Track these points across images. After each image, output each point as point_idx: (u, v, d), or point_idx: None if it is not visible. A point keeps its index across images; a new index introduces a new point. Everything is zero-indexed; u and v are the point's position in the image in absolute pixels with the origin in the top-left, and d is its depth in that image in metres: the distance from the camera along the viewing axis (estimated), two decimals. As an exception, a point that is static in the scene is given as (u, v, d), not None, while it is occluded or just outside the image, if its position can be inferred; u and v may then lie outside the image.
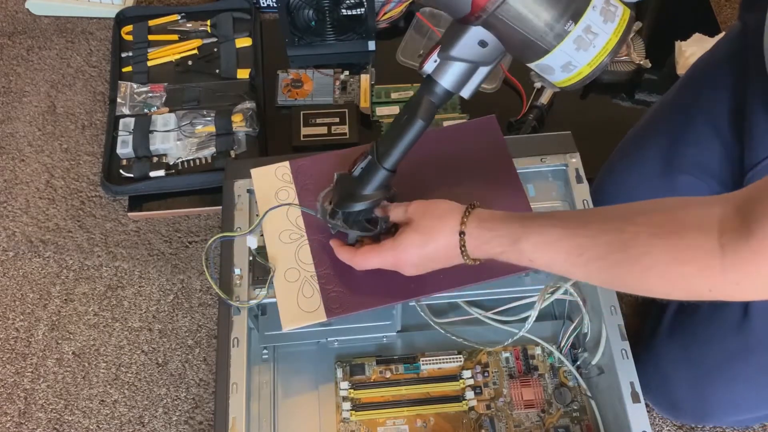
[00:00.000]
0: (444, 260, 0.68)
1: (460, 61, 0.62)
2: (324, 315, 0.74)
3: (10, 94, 1.29)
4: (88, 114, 1.26)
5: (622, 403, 0.72)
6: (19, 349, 1.04)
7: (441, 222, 0.67)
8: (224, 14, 1.30)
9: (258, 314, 0.85)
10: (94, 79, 1.30)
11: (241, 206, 0.85)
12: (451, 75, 0.63)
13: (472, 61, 0.62)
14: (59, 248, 1.12)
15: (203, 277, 1.08)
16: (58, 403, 0.99)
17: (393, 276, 0.72)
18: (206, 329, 1.04)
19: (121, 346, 1.03)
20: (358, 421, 0.81)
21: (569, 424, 0.80)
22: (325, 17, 1.23)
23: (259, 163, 0.85)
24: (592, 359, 0.78)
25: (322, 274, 0.76)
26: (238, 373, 0.75)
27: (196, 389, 0.99)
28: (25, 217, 1.15)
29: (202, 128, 1.15)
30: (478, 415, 0.81)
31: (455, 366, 0.85)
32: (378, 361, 0.85)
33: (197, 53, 1.27)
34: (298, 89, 1.23)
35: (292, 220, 0.80)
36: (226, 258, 0.81)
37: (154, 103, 1.20)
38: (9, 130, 1.24)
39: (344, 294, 0.75)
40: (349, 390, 0.83)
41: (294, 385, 0.85)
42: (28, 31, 1.37)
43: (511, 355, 0.86)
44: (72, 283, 1.09)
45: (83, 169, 1.19)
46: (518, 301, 0.84)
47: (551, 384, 0.83)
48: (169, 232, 1.13)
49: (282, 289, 0.76)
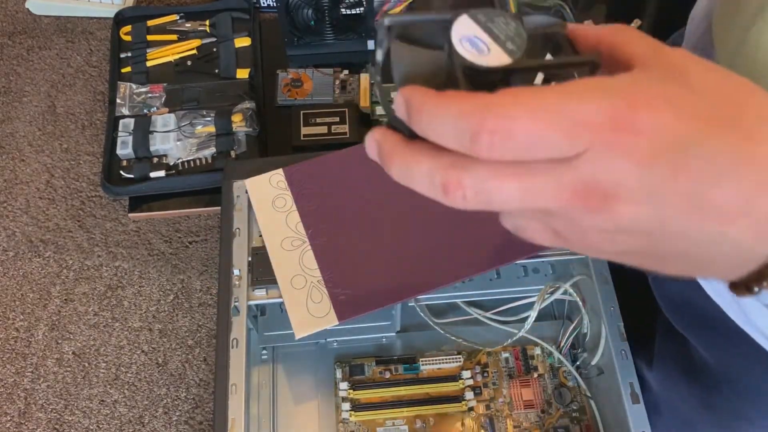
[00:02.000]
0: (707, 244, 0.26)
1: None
2: (335, 319, 0.74)
3: (10, 93, 1.29)
4: (88, 114, 1.26)
5: (621, 403, 0.72)
6: (19, 349, 1.04)
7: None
8: (223, 14, 1.30)
9: (257, 315, 0.85)
10: (95, 78, 1.30)
11: (240, 206, 0.85)
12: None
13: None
14: (59, 248, 1.12)
15: (203, 277, 1.08)
16: (58, 403, 0.99)
17: (404, 269, 0.70)
18: (206, 329, 1.04)
19: (121, 346, 1.03)
20: (357, 421, 0.81)
21: (569, 425, 0.80)
22: (325, 17, 1.23)
23: (255, 165, 0.85)
24: (592, 359, 0.78)
25: (328, 278, 0.76)
26: (238, 374, 0.75)
27: (196, 389, 0.99)
28: (25, 217, 1.15)
29: (202, 128, 1.15)
30: (477, 415, 0.81)
31: (455, 366, 0.85)
32: (377, 362, 0.85)
33: (196, 53, 1.27)
34: (297, 89, 1.23)
35: (292, 227, 0.79)
36: (225, 258, 0.81)
37: (153, 103, 1.20)
38: (9, 129, 1.24)
39: (353, 296, 0.75)
40: (348, 390, 0.83)
41: (293, 386, 0.85)
42: (28, 30, 1.37)
43: (511, 356, 0.86)
44: (72, 283, 1.09)
45: (83, 169, 1.19)
46: (518, 301, 0.84)
47: (551, 384, 0.83)
48: (169, 232, 1.13)
49: (290, 297, 0.76)
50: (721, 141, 0.24)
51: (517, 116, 0.24)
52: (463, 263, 0.71)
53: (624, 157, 0.24)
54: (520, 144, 0.24)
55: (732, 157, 0.24)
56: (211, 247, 1.12)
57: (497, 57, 0.28)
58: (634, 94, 0.24)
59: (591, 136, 0.24)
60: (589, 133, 0.23)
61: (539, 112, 0.24)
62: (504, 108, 0.24)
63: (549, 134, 0.24)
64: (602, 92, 0.24)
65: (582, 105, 0.24)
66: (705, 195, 0.24)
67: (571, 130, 0.24)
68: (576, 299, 0.79)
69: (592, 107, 0.24)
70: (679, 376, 0.72)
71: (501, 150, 0.24)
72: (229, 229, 0.83)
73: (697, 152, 0.24)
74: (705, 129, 0.24)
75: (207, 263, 1.11)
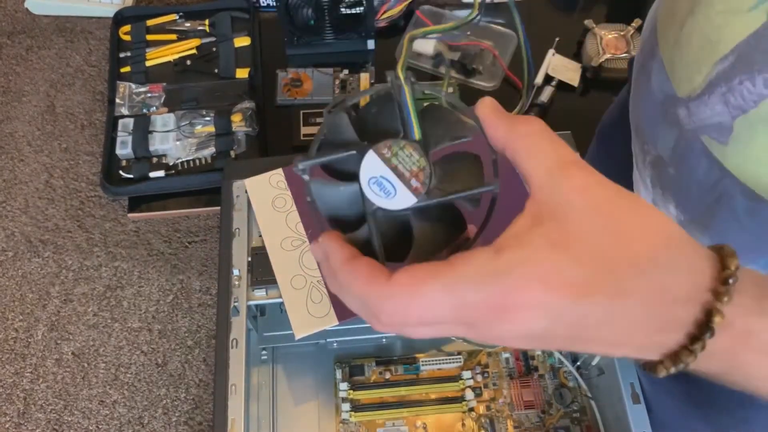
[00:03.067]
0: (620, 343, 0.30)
1: None
2: (335, 319, 0.73)
3: (9, 93, 1.28)
4: (88, 113, 1.25)
5: (622, 403, 0.72)
6: (18, 349, 1.04)
7: (668, 254, 0.28)
8: (223, 13, 1.30)
9: (257, 315, 0.85)
10: (94, 78, 1.30)
11: (240, 206, 0.85)
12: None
13: None
14: (58, 248, 1.12)
15: (203, 277, 1.08)
16: (57, 403, 0.99)
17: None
18: (206, 329, 1.04)
19: (120, 346, 1.03)
20: (357, 422, 0.81)
21: (569, 425, 0.80)
22: (324, 16, 1.23)
23: (255, 165, 0.85)
24: (592, 360, 0.78)
25: None
26: (237, 375, 0.75)
27: (196, 390, 0.99)
28: (25, 217, 1.15)
29: (201, 128, 1.15)
30: (477, 416, 0.81)
31: (455, 367, 0.85)
32: (377, 362, 0.85)
33: (196, 53, 1.27)
34: (297, 88, 1.23)
35: (292, 227, 0.79)
36: (225, 258, 0.81)
37: (152, 103, 1.19)
38: (8, 129, 1.24)
39: None
40: (348, 391, 0.83)
41: (293, 387, 0.85)
42: (27, 30, 1.37)
43: (511, 356, 0.85)
44: (71, 284, 1.09)
45: (83, 168, 1.19)
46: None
47: (551, 385, 0.83)
48: (168, 233, 1.13)
49: (290, 297, 0.76)
50: (592, 300, 0.27)
51: (407, 307, 0.29)
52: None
53: (506, 326, 0.29)
54: (410, 323, 0.29)
55: (604, 310, 0.28)
56: (211, 247, 1.12)
57: (403, 199, 0.32)
58: (509, 282, 0.28)
59: (476, 315, 0.29)
60: (474, 312, 0.28)
61: (427, 302, 0.28)
62: (397, 301, 0.29)
63: (440, 315, 0.29)
64: (482, 279, 0.28)
65: (465, 294, 0.28)
66: (584, 340, 0.29)
67: (459, 310, 0.29)
68: (576, 299, 0.79)
69: (473, 297, 0.28)
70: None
71: (394, 329, 0.30)
72: (229, 229, 0.83)
73: (570, 314, 0.28)
74: (576, 295, 0.27)
75: (206, 263, 1.11)
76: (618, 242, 0.28)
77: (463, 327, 0.30)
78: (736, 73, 0.39)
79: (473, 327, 0.29)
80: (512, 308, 0.28)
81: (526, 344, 0.30)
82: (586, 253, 0.27)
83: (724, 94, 0.41)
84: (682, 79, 0.45)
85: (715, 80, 0.41)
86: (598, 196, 0.28)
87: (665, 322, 0.28)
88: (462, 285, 0.28)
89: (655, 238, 0.28)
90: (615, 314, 0.28)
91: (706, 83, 0.42)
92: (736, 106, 0.40)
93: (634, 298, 0.28)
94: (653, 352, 0.30)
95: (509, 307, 0.28)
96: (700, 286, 0.28)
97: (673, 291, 0.28)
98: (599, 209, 0.28)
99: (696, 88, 0.44)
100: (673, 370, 0.30)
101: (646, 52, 0.53)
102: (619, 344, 0.29)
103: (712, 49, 0.41)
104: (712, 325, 0.28)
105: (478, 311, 0.28)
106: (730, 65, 0.40)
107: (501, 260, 0.28)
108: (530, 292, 0.27)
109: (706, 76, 0.42)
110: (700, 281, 0.28)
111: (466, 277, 0.28)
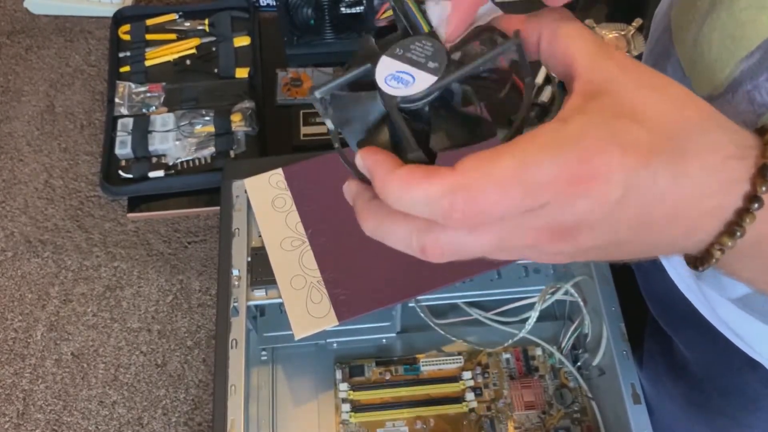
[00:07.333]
0: (659, 237, 0.30)
1: None
2: (335, 319, 0.73)
3: (8, 93, 1.28)
4: (87, 113, 1.25)
5: (623, 404, 0.72)
6: (17, 349, 1.03)
7: (703, 138, 0.29)
8: (222, 13, 1.30)
9: (257, 315, 0.84)
10: (93, 78, 1.29)
11: (240, 206, 0.85)
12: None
13: None
14: (58, 248, 1.11)
15: (202, 277, 1.08)
16: (56, 404, 0.99)
17: (405, 270, 0.70)
18: (205, 330, 1.04)
19: (119, 347, 1.03)
20: (357, 422, 0.81)
21: (570, 426, 0.79)
22: (324, 15, 1.23)
23: (254, 165, 0.85)
24: (593, 360, 0.78)
25: (327, 278, 0.76)
26: (237, 375, 0.75)
27: (196, 390, 0.99)
28: (24, 217, 1.15)
29: (201, 128, 1.15)
30: (478, 416, 0.81)
31: (455, 367, 0.84)
32: (377, 363, 0.85)
33: (195, 52, 1.27)
34: (297, 88, 1.22)
35: (291, 227, 0.79)
36: (225, 258, 0.80)
37: (152, 103, 1.19)
38: (7, 129, 1.24)
39: (353, 296, 0.75)
40: (348, 391, 0.83)
41: (293, 387, 0.85)
42: (26, 30, 1.36)
43: (512, 356, 0.85)
44: (71, 284, 1.08)
45: (82, 168, 1.19)
46: (519, 302, 0.84)
47: (552, 385, 0.82)
48: (168, 233, 1.13)
49: (290, 297, 0.76)
50: (660, 161, 0.27)
51: (482, 193, 0.26)
52: (463, 263, 0.70)
53: (582, 202, 0.27)
54: (488, 213, 0.27)
55: (671, 173, 0.28)
56: (211, 247, 1.12)
57: (423, 81, 0.29)
58: (583, 146, 0.27)
59: (550, 193, 0.26)
60: (549, 190, 0.26)
61: (501, 185, 0.26)
62: (469, 189, 0.26)
63: (513, 200, 0.26)
64: (554, 150, 0.26)
65: (538, 169, 0.26)
66: (651, 213, 0.28)
67: (532, 192, 0.26)
68: (577, 300, 0.79)
69: (548, 170, 0.26)
70: (666, 374, 0.73)
71: (473, 221, 0.27)
72: (229, 230, 0.82)
73: (642, 180, 0.27)
74: (647, 156, 0.27)
75: (206, 263, 1.11)
76: (671, 109, 0.29)
77: (531, 217, 0.27)
78: (762, 70, 0.39)
79: (543, 212, 0.27)
80: (590, 177, 0.26)
81: (591, 240, 0.28)
82: (646, 119, 0.28)
83: (750, 91, 0.40)
84: (702, 78, 0.45)
85: (739, 78, 0.41)
86: (642, 73, 0.30)
87: (722, 182, 0.29)
88: (534, 157, 0.26)
89: (701, 104, 0.30)
90: (678, 178, 0.28)
91: (730, 82, 0.42)
92: (762, 104, 0.40)
93: (693, 159, 0.28)
94: (709, 225, 0.30)
95: (586, 177, 0.26)
96: (749, 144, 0.29)
97: (726, 148, 0.29)
98: (646, 83, 0.30)
99: (718, 87, 0.43)
100: (729, 244, 0.29)
101: (657, 52, 0.53)
102: (678, 218, 0.29)
103: (736, 47, 0.40)
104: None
105: (553, 187, 0.26)
106: (757, 62, 0.39)
107: (571, 127, 0.27)
108: (608, 155, 0.27)
109: (729, 75, 0.42)
110: (747, 140, 0.30)
111: (538, 147, 0.26)
